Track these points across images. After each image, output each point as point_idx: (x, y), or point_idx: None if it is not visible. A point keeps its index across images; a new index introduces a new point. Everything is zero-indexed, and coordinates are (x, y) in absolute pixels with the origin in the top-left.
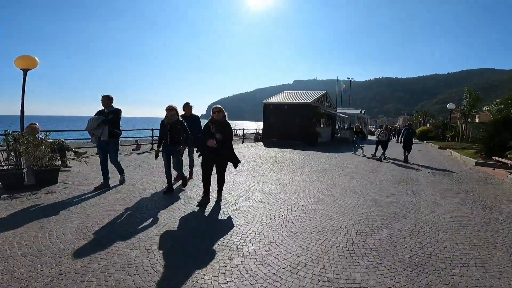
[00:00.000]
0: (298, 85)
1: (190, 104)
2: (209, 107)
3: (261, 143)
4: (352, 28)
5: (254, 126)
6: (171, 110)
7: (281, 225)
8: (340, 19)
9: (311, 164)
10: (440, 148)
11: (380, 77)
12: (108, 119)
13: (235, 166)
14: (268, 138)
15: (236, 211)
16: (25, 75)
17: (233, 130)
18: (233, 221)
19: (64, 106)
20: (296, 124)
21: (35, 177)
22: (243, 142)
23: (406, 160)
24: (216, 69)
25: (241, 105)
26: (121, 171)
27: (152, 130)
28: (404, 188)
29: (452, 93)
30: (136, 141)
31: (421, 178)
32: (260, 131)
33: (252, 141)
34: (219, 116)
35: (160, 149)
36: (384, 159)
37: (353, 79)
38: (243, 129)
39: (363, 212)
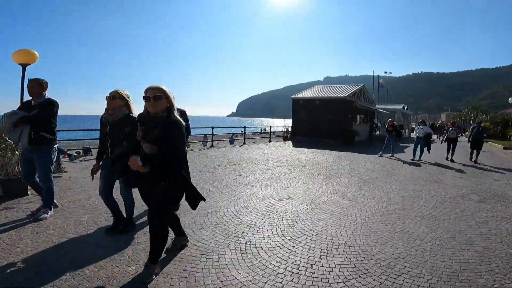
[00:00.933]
0: (328, 82)
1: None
2: (239, 105)
3: (289, 142)
4: (388, 22)
5: (283, 124)
6: (113, 98)
7: None
8: (374, 13)
9: (351, 170)
10: (505, 148)
11: (419, 72)
12: (28, 117)
13: (193, 207)
14: (298, 136)
15: (240, 254)
16: (23, 70)
17: (263, 128)
18: (229, 280)
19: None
20: (329, 121)
21: (1, 187)
22: (270, 141)
23: (475, 160)
24: (246, 66)
25: (272, 102)
26: (48, 201)
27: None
28: (497, 208)
29: (499, 87)
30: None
31: (510, 193)
32: (289, 129)
33: (280, 140)
34: (157, 106)
35: (100, 163)
36: (450, 160)
37: (391, 73)
38: (270, 126)
39: (450, 258)
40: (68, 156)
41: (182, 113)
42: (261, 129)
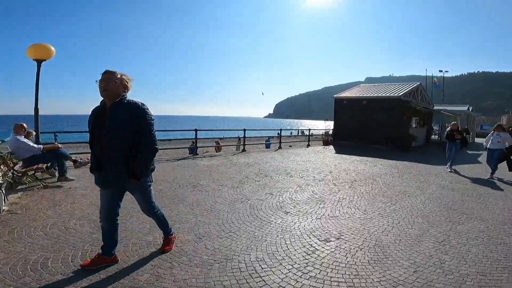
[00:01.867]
0: (371, 82)
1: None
2: (276, 106)
3: (331, 147)
4: (436, 20)
5: (323, 126)
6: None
7: None
8: (420, 10)
9: (420, 189)
10: None
11: (475, 72)
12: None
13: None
14: (340, 140)
15: None
16: (39, 66)
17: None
18: None
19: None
20: (379, 124)
21: None
22: (308, 146)
23: None
24: (283, 67)
25: (309, 103)
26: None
27: (196, 130)
28: None
29: None
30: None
31: None
32: (330, 132)
33: (319, 144)
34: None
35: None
36: None
37: (447, 71)
38: (309, 129)
39: None
40: (73, 162)
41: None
42: (298, 131)
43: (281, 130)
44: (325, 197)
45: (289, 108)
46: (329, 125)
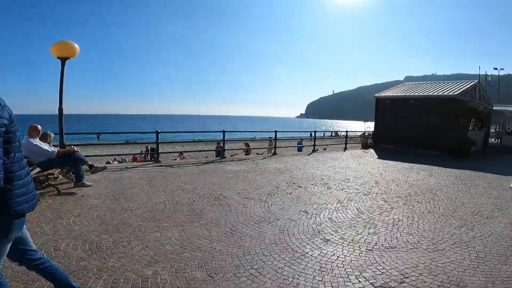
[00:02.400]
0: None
1: None
2: (308, 106)
3: (371, 151)
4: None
5: (359, 127)
6: None
7: None
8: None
9: (499, 209)
10: None
11: None
12: None
13: None
14: (382, 144)
15: None
16: (63, 65)
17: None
18: None
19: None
20: (430, 126)
21: None
22: (345, 149)
23: None
24: (315, 67)
25: (343, 104)
26: None
27: (224, 132)
28: None
29: None
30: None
31: None
32: (369, 134)
33: (357, 147)
34: None
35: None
36: None
37: (502, 69)
38: (347, 131)
39: None
40: (89, 166)
41: None
42: (332, 133)
43: (315, 131)
44: (374, 217)
45: (322, 108)
46: (369, 126)
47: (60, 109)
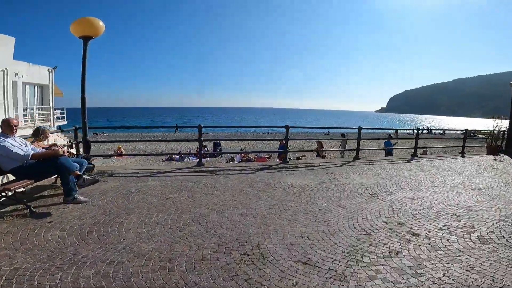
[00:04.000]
0: None
1: None
2: (391, 100)
3: (505, 157)
4: None
5: (470, 124)
6: None
7: None
8: None
9: None
10: None
11: None
12: None
13: None
14: None
15: None
16: (85, 45)
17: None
18: None
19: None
20: None
21: None
22: (463, 154)
23: None
24: (399, 57)
25: (434, 97)
26: None
27: (287, 127)
28: None
29: None
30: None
31: None
32: (504, 135)
33: (477, 152)
34: None
35: None
36: None
37: None
38: (443, 130)
39: None
40: (76, 177)
41: None
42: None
43: (421, 129)
44: None
45: (407, 102)
46: (499, 124)
47: (83, 98)
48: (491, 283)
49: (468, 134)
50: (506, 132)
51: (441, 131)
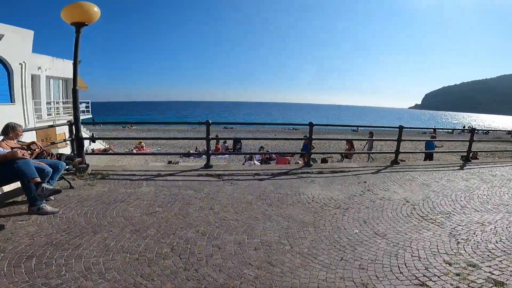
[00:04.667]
0: None
1: None
2: (426, 96)
3: None
4: None
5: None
6: None
7: None
8: None
9: None
10: None
11: None
12: None
13: None
14: None
15: None
16: (77, 32)
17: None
18: None
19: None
20: None
21: None
22: None
23: None
24: (438, 52)
25: (473, 94)
26: None
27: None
28: None
29: None
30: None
31: None
32: None
33: None
34: None
35: None
36: None
37: None
38: (487, 130)
39: None
40: (36, 184)
41: None
42: (465, 128)
43: (475, 130)
44: None
45: (444, 99)
46: None
47: (75, 90)
48: None
49: None
50: None
51: (485, 131)
